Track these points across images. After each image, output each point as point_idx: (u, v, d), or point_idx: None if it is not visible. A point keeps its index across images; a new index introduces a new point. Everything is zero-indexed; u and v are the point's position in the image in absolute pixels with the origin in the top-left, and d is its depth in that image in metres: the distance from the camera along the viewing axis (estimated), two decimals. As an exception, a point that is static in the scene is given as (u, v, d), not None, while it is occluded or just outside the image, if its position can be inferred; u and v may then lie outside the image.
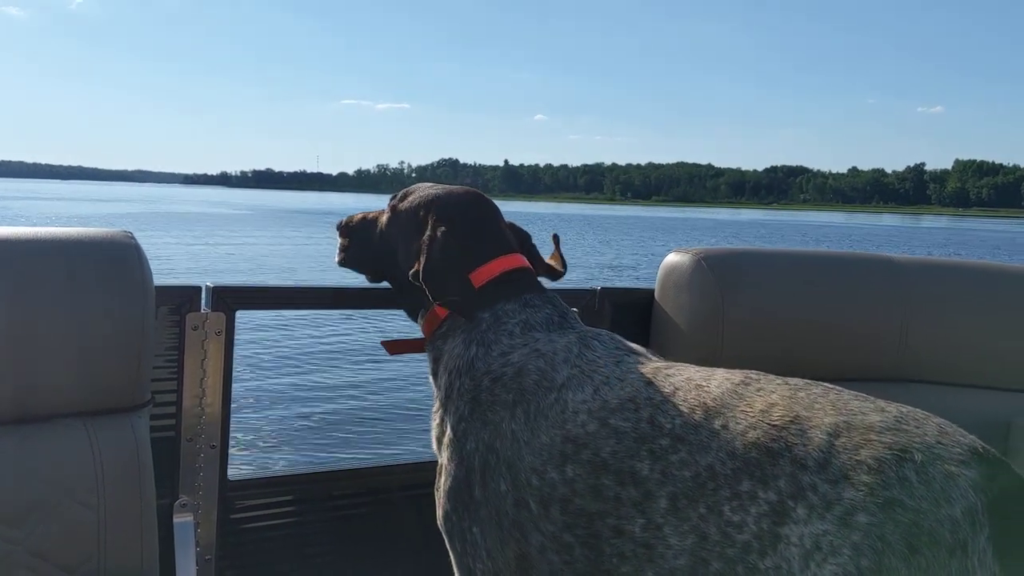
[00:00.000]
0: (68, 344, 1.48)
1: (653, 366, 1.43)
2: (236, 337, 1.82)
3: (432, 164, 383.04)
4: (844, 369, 2.06)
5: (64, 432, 1.50)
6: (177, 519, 1.75)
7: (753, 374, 1.32)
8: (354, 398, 7.77)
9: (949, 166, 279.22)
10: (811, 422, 1.16)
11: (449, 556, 1.52)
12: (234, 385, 1.82)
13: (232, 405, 1.82)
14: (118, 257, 1.53)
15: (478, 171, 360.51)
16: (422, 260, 1.58)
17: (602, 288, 2.17)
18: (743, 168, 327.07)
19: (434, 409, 1.62)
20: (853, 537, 1.06)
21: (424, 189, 1.75)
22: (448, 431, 1.54)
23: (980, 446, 1.12)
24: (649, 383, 1.36)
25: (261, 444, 6.25)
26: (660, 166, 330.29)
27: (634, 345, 1.54)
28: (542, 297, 1.61)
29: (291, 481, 1.97)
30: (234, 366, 1.81)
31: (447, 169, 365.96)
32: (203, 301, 1.76)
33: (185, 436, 1.77)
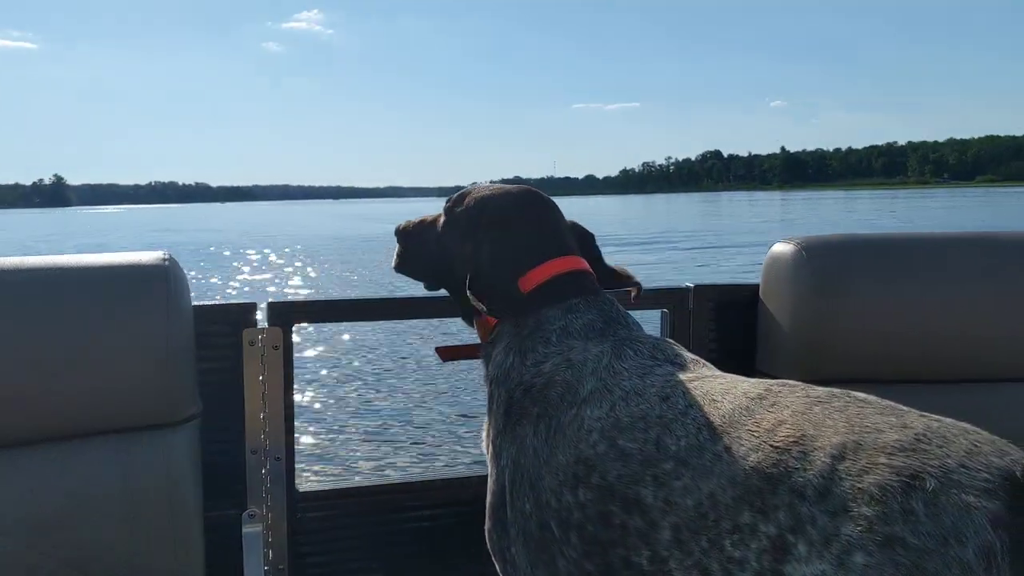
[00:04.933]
0: (102, 363, 1.61)
1: (683, 377, 1.33)
2: (301, 350, 1.94)
3: (698, 157, 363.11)
4: (975, 368, 1.84)
5: (100, 448, 1.64)
6: (246, 530, 1.85)
7: (776, 384, 1.22)
8: (424, 408, 7.71)
9: None
10: (816, 442, 1.06)
11: None
12: (298, 397, 1.92)
13: (297, 417, 1.91)
14: (151, 279, 1.65)
15: (752, 161, 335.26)
16: (471, 268, 1.58)
17: (696, 285, 2.05)
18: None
19: (486, 420, 1.61)
20: None
21: (479, 191, 1.72)
22: (490, 444, 1.53)
23: (1021, 471, 0.95)
24: (666, 398, 1.28)
25: (328, 456, 6.38)
26: (965, 141, 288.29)
27: (683, 353, 1.44)
28: (589, 301, 1.53)
29: (360, 493, 2.03)
30: (296, 378, 1.90)
31: (715, 161, 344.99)
32: (260, 317, 1.89)
33: (249, 449, 1.88)
